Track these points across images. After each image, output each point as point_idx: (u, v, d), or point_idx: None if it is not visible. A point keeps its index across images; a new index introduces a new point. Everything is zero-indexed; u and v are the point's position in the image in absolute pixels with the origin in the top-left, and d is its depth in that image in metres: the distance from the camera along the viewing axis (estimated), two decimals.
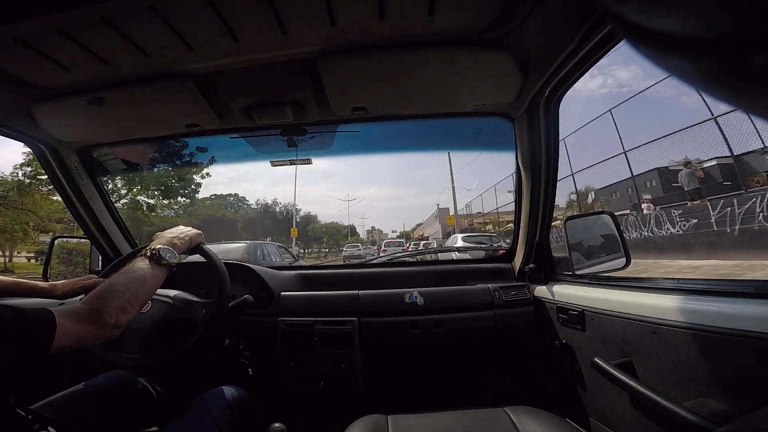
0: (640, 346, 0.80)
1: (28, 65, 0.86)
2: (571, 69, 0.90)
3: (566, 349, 1.09)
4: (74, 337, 0.58)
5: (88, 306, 0.63)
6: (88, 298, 0.67)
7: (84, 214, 1.41)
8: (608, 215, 1.32)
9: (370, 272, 1.63)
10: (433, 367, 1.48)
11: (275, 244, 9.46)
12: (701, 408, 0.64)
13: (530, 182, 1.27)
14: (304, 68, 0.97)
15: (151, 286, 0.76)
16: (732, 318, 0.61)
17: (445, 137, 1.57)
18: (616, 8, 0.16)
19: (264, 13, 0.73)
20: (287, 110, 1.14)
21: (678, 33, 0.14)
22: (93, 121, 1.15)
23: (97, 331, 0.62)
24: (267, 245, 8.38)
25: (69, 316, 0.59)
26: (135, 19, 0.73)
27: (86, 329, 0.61)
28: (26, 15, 0.69)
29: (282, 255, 8.53)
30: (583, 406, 1.03)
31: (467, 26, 0.82)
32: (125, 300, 0.67)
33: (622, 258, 1.25)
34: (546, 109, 1.11)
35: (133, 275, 0.73)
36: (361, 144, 1.54)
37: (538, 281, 1.33)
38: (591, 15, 0.72)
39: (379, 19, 0.77)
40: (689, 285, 0.76)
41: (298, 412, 1.34)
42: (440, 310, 1.29)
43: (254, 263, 1.49)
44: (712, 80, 0.14)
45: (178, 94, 1.03)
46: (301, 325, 1.29)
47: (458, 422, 0.90)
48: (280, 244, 10.66)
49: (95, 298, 0.66)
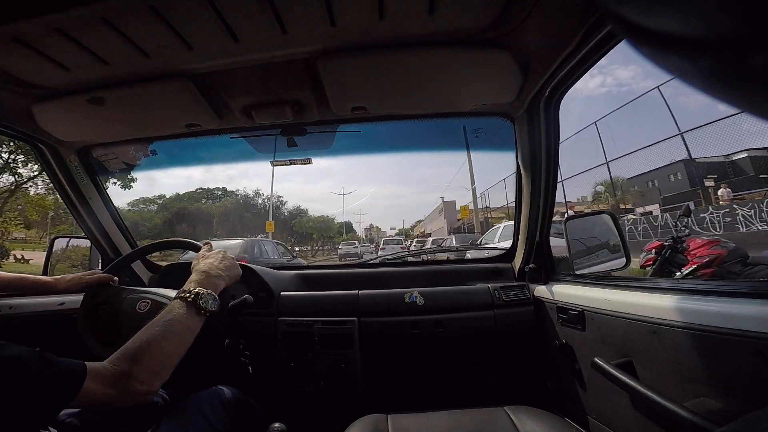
0: (640, 346, 0.80)
1: (28, 65, 0.86)
2: (571, 69, 0.90)
3: (566, 349, 1.09)
4: (96, 401, 0.53)
5: (116, 368, 0.56)
6: (118, 355, 0.58)
7: (84, 214, 1.41)
8: (608, 215, 1.32)
9: (370, 272, 1.63)
10: (433, 367, 1.48)
11: (273, 241, 9.21)
12: (701, 408, 0.64)
13: (530, 182, 1.27)
14: (304, 68, 0.97)
15: (188, 341, 0.67)
16: (732, 318, 0.61)
17: (445, 137, 1.57)
18: (616, 8, 0.16)
19: (264, 12, 0.73)
20: (287, 110, 1.14)
21: (678, 33, 0.14)
22: (93, 120, 1.15)
23: (124, 397, 0.55)
24: (264, 242, 8.20)
25: (94, 376, 0.53)
26: (135, 19, 0.73)
27: (111, 394, 0.54)
28: (26, 15, 0.69)
29: (280, 252, 8.35)
30: (583, 406, 1.03)
31: (467, 26, 0.82)
32: (160, 361, 0.59)
33: (622, 258, 1.25)
34: (546, 108, 1.11)
35: (170, 329, 0.64)
36: (361, 144, 1.54)
37: (538, 281, 1.33)
38: (591, 15, 0.72)
39: (379, 18, 0.77)
40: (689, 285, 0.76)
41: (298, 412, 1.34)
42: (440, 310, 1.29)
43: (252, 262, 1.49)
44: (712, 80, 0.14)
45: (178, 93, 1.03)
46: (301, 325, 1.29)
47: (458, 422, 0.90)
48: (278, 241, 10.38)
49: (126, 357, 0.57)
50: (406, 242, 23.06)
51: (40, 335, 1.18)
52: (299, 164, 1.63)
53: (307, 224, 35.20)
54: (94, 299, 1.01)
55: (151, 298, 0.97)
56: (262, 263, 1.59)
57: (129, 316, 0.94)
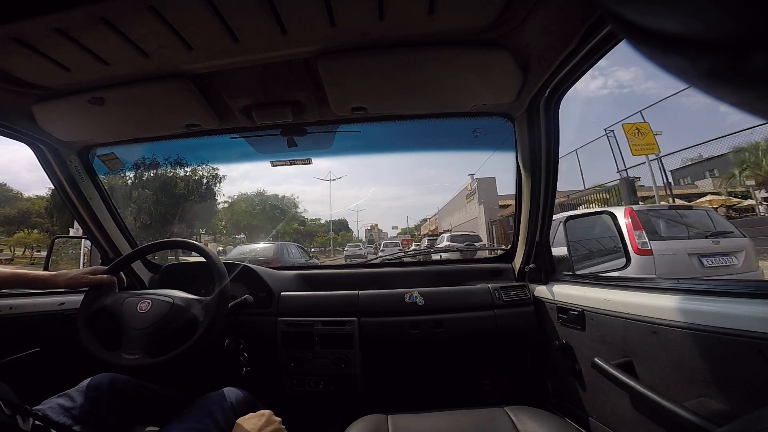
0: (640, 346, 0.81)
1: (28, 65, 0.86)
2: (571, 69, 0.90)
3: (566, 349, 1.09)
4: None
5: None
6: None
7: (84, 214, 1.41)
8: (608, 215, 1.32)
9: (370, 272, 1.63)
10: (433, 367, 1.48)
11: (296, 244, 10.31)
12: (701, 408, 0.64)
13: (530, 182, 1.27)
14: (304, 68, 0.97)
15: None
16: (732, 318, 0.61)
17: (445, 137, 1.57)
18: (616, 8, 0.16)
19: (264, 13, 0.73)
20: (287, 110, 1.14)
21: (678, 33, 0.14)
22: (93, 121, 1.15)
23: None
24: (290, 245, 9.24)
25: None
26: (135, 19, 0.73)
27: None
28: (26, 15, 0.69)
29: (302, 254, 9.49)
30: (583, 406, 1.03)
31: (467, 26, 0.82)
32: None
33: (621, 258, 1.25)
34: (546, 109, 1.11)
35: None
36: (361, 144, 1.54)
37: (538, 281, 1.33)
38: (591, 15, 0.72)
39: (379, 19, 0.77)
40: (689, 285, 0.76)
41: (298, 412, 1.34)
42: (440, 310, 1.29)
43: (283, 262, 1.50)
44: (712, 80, 0.14)
45: (178, 94, 1.03)
46: (301, 325, 1.29)
47: (458, 422, 0.90)
48: (298, 244, 11.31)
49: None
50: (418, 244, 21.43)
51: (40, 335, 1.18)
52: (299, 164, 1.62)
53: (240, 208, 25.26)
54: (93, 304, 1.01)
55: (151, 298, 0.98)
56: (289, 263, 1.60)
57: (131, 317, 0.94)
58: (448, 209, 32.05)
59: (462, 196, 25.91)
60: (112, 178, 11.71)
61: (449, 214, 30.80)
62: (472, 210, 22.59)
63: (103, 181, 1.48)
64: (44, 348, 1.14)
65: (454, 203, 29.32)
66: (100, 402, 0.84)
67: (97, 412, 0.82)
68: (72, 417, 0.78)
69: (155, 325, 0.93)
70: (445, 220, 31.32)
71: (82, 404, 0.81)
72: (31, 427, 0.63)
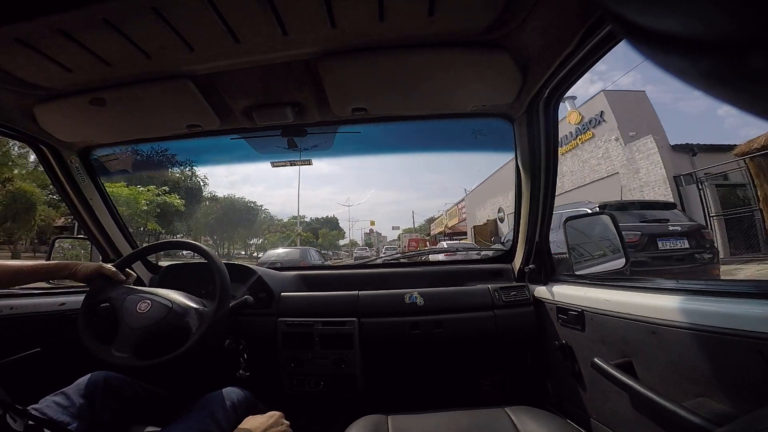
0: (640, 346, 0.81)
1: (29, 66, 0.86)
2: (571, 69, 0.90)
3: (566, 349, 1.09)
4: None
5: None
6: None
7: (84, 214, 1.41)
8: (608, 215, 1.32)
9: (370, 273, 1.63)
10: (433, 367, 1.48)
11: (316, 249, 11.61)
12: (701, 408, 0.64)
13: (530, 182, 1.27)
14: (304, 69, 0.97)
15: None
16: (732, 318, 0.61)
17: (445, 138, 1.57)
18: (616, 8, 0.16)
19: (264, 14, 0.74)
20: (288, 111, 1.15)
21: (678, 33, 0.14)
22: (94, 121, 1.15)
23: None
24: (311, 250, 10.84)
25: None
26: (136, 20, 0.73)
27: None
28: (28, 16, 0.69)
29: (320, 257, 11.01)
30: (583, 406, 1.03)
31: (467, 27, 0.82)
32: None
33: (621, 258, 1.25)
34: (545, 109, 1.11)
35: None
36: (361, 145, 1.54)
37: (537, 282, 1.33)
38: (591, 15, 0.72)
39: (379, 20, 0.77)
40: (689, 285, 0.76)
41: (298, 413, 1.34)
42: (440, 311, 1.29)
43: (307, 264, 1.51)
44: (712, 80, 0.14)
45: (179, 94, 1.03)
46: (301, 326, 1.29)
47: (458, 422, 0.90)
48: (317, 248, 12.46)
49: None
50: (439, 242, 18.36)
51: (40, 335, 1.18)
52: (299, 165, 1.63)
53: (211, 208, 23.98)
54: (98, 295, 1.01)
55: (152, 299, 0.98)
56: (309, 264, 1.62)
57: (129, 316, 0.94)
58: (474, 200, 22.14)
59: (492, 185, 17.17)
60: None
61: (473, 208, 21.80)
62: (594, 153, 11.19)
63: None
64: (45, 348, 1.14)
65: (481, 191, 20.53)
66: (95, 399, 0.84)
67: (93, 410, 0.82)
68: (68, 415, 0.77)
69: (149, 328, 0.92)
70: (481, 208, 20.10)
71: (77, 402, 0.81)
72: (24, 426, 0.63)
